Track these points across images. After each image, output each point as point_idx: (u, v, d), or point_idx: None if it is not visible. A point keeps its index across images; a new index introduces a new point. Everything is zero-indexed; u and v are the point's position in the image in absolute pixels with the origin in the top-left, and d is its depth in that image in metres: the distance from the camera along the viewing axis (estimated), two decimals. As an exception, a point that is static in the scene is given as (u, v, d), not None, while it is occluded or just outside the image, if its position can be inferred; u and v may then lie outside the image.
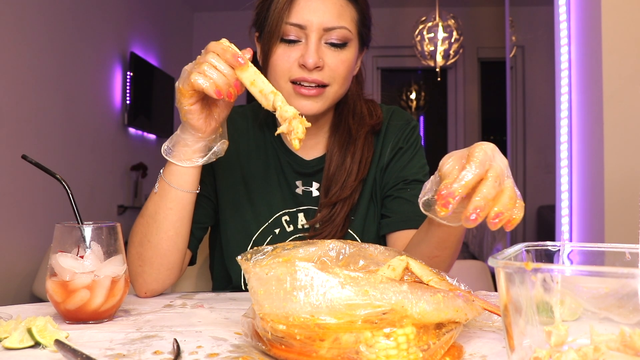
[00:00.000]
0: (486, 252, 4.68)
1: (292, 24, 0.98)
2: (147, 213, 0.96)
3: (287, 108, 0.81)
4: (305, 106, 1.00)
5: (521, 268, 0.48)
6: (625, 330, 0.48)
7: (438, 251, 0.90)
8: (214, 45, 0.83)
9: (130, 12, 4.19)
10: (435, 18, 4.41)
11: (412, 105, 6.74)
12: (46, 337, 0.65)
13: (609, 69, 2.03)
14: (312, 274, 0.57)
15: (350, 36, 1.01)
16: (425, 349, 0.56)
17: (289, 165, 1.12)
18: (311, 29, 0.97)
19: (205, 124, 0.89)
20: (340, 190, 1.06)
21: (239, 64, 0.81)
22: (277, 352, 0.60)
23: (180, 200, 0.95)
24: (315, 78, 0.98)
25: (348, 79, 1.04)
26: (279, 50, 1.00)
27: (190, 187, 0.95)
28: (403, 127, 1.14)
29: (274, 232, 1.09)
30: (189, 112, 0.87)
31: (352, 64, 1.04)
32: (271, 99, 0.81)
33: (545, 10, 3.08)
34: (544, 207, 4.52)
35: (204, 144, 0.92)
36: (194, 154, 0.92)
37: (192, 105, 0.86)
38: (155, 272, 0.96)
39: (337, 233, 1.06)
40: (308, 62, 0.97)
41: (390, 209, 1.09)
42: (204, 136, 0.90)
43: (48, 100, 3.04)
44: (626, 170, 2.00)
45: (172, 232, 0.95)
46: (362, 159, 1.09)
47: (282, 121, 0.81)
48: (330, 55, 0.99)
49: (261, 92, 0.82)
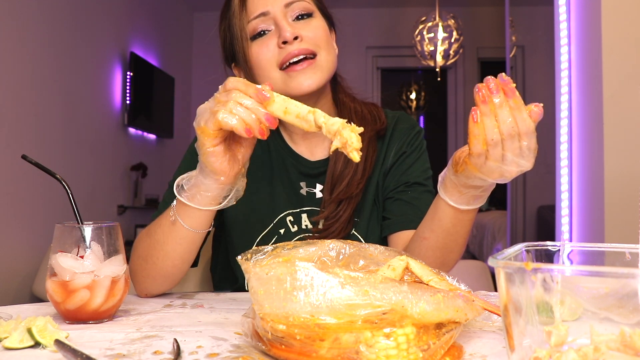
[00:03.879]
0: (486, 252, 4.69)
1: (254, 18, 1.01)
2: (154, 237, 0.93)
3: (333, 121, 0.75)
4: (303, 82, 0.99)
5: (521, 268, 0.48)
6: (625, 330, 0.48)
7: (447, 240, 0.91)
8: (233, 81, 0.76)
9: (130, 12, 4.19)
10: (435, 18, 4.42)
11: (412, 105, 6.74)
12: (46, 337, 0.65)
13: (609, 69, 2.03)
14: (312, 274, 0.57)
15: (311, 7, 1.04)
16: (425, 349, 0.56)
17: (293, 166, 1.12)
18: (274, 12, 1.00)
19: (229, 166, 0.81)
20: (347, 188, 1.06)
21: (265, 98, 0.75)
22: (277, 352, 0.59)
23: (192, 239, 0.91)
24: (300, 47, 0.98)
25: (331, 46, 1.05)
26: (254, 47, 1.02)
27: (205, 228, 0.90)
28: (408, 131, 1.14)
29: (278, 233, 1.09)
30: (212, 155, 0.79)
31: (326, 31, 1.05)
32: (312, 119, 0.75)
33: (545, 10, 3.07)
34: (544, 207, 4.52)
35: (221, 191, 0.85)
36: (214, 199, 0.86)
37: (215, 147, 0.79)
38: (157, 285, 0.96)
39: (342, 231, 1.06)
40: (286, 36, 0.98)
41: (391, 210, 1.09)
42: (226, 181, 0.83)
43: (48, 100, 3.04)
44: (626, 170, 2.00)
45: (178, 262, 0.93)
46: (367, 158, 1.09)
47: (332, 136, 0.75)
48: (302, 27, 1.01)
49: (298, 117, 0.76)
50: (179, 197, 0.86)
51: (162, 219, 0.92)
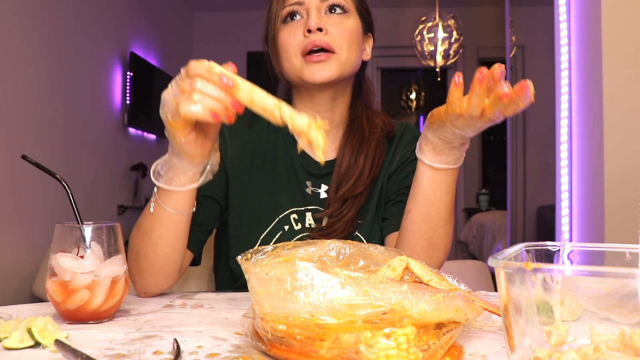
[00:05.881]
0: (486, 252, 4.68)
1: (290, 4, 1.05)
2: (142, 228, 0.94)
3: (298, 119, 0.72)
4: (317, 72, 1.02)
5: (521, 268, 0.48)
6: (625, 330, 0.48)
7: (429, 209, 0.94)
8: (196, 67, 0.73)
9: (130, 12, 4.18)
10: (435, 18, 4.41)
11: (412, 105, 6.74)
12: (46, 337, 0.65)
13: (609, 69, 2.03)
14: (312, 274, 0.57)
15: (348, 6, 1.07)
16: (425, 349, 0.56)
17: (301, 165, 1.13)
18: (309, 1, 1.05)
19: (202, 148, 0.83)
20: (352, 187, 1.07)
21: (229, 86, 0.72)
22: (277, 352, 0.59)
23: (176, 222, 0.92)
24: (320, 39, 1.02)
25: (355, 48, 1.07)
26: (284, 31, 1.06)
27: (188, 209, 0.92)
28: (412, 141, 1.17)
29: (283, 229, 1.10)
30: (185, 144, 0.80)
31: (356, 33, 1.08)
32: (277, 114, 0.72)
33: (545, 10, 3.07)
34: (544, 207, 4.52)
35: (197, 169, 0.87)
36: (191, 178, 0.88)
37: (188, 136, 0.79)
38: (153, 279, 0.96)
39: (345, 230, 1.07)
40: (311, 25, 1.02)
41: (390, 212, 1.11)
42: (201, 160, 0.85)
43: (48, 100, 3.04)
44: (626, 170, 2.00)
45: (167, 249, 0.94)
46: (374, 159, 1.11)
47: (298, 136, 0.72)
48: (332, 22, 1.05)
49: (264, 110, 0.72)
50: (157, 183, 0.89)
51: (146, 209, 0.94)
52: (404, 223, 0.98)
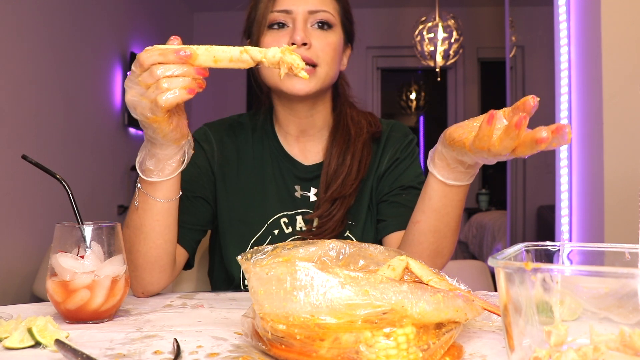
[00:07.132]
0: (486, 252, 4.69)
1: (278, 11, 1.05)
2: (132, 225, 0.94)
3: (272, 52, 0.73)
4: (296, 84, 1.03)
5: (521, 268, 0.48)
6: (625, 330, 0.48)
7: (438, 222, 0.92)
8: (147, 56, 0.74)
9: (130, 12, 4.18)
10: (435, 18, 4.41)
11: (412, 105, 6.74)
12: (46, 337, 0.65)
13: (609, 69, 2.03)
14: (312, 274, 0.57)
15: (333, 20, 1.07)
16: (425, 349, 0.56)
17: (288, 170, 1.14)
18: (297, 12, 1.04)
19: (184, 127, 0.84)
20: (341, 187, 1.08)
21: (187, 57, 0.74)
22: (277, 352, 0.60)
23: (167, 210, 0.92)
24: (304, 54, 1.01)
25: (336, 62, 1.08)
26: (268, 37, 1.06)
27: (176, 194, 0.93)
28: (401, 139, 1.17)
29: (272, 233, 1.11)
30: (172, 131, 0.81)
31: (338, 48, 1.08)
32: (248, 58, 0.74)
33: (545, 10, 3.07)
34: (544, 207, 4.52)
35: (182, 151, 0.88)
36: (178, 162, 0.89)
37: (171, 124, 0.80)
38: (148, 276, 0.96)
39: (335, 230, 1.07)
40: (296, 39, 1.02)
41: (386, 213, 1.11)
42: (185, 139, 0.86)
43: (48, 100, 3.04)
44: (626, 170, 2.00)
45: (160, 241, 0.94)
46: (361, 159, 1.11)
47: (275, 66, 0.74)
48: (317, 36, 1.05)
49: (232, 60, 0.74)
50: (149, 179, 0.89)
51: (131, 207, 0.95)
52: (411, 233, 0.96)
